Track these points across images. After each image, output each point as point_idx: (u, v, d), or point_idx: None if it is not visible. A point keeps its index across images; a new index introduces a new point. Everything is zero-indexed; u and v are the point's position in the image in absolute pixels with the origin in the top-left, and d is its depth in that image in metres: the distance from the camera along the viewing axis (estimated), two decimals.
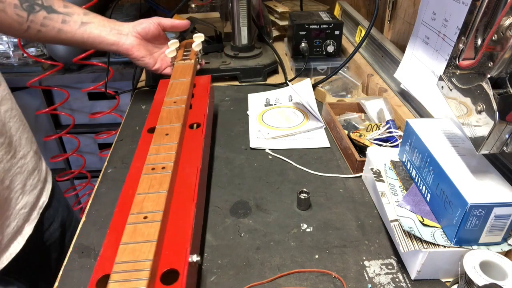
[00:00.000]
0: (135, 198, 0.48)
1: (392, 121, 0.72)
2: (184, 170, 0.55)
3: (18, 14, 0.67)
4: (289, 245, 0.54)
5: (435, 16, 0.69)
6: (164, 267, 0.42)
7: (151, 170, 0.53)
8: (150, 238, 0.43)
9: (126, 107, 0.91)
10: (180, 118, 0.63)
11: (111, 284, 0.39)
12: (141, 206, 0.47)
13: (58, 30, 0.72)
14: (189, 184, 0.53)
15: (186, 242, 0.45)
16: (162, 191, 0.49)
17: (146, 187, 0.50)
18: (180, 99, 0.67)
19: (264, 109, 0.86)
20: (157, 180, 0.51)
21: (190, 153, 0.58)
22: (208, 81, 0.78)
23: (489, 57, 0.40)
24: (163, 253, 0.43)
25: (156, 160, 0.54)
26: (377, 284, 0.48)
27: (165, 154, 0.55)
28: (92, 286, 0.40)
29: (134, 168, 0.56)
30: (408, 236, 0.48)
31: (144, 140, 0.61)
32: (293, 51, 1.02)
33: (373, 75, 0.93)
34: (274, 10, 1.27)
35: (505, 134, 0.42)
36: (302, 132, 0.78)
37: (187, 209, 0.49)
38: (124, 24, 0.79)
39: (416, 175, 0.56)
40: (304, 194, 0.59)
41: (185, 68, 0.78)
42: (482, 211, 0.44)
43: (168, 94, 0.69)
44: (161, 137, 0.59)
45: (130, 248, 0.42)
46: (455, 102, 0.48)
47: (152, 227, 0.44)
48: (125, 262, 0.40)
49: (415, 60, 0.77)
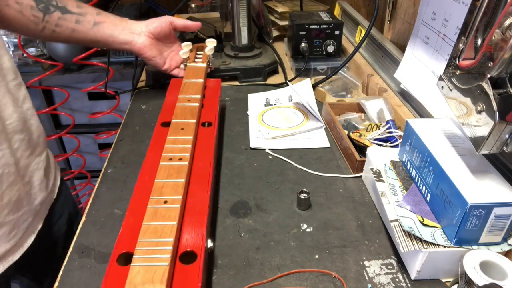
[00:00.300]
0: (155, 184, 0.52)
1: (392, 121, 0.72)
2: (198, 164, 0.60)
3: (34, 15, 0.69)
4: (289, 245, 0.54)
5: (435, 16, 0.69)
6: (183, 248, 0.46)
7: (168, 160, 0.57)
8: (171, 221, 0.47)
9: (126, 107, 0.91)
10: (194, 115, 0.67)
11: (135, 259, 0.42)
12: (161, 192, 0.51)
13: (72, 30, 0.74)
14: (203, 176, 0.57)
15: (203, 228, 0.48)
16: (180, 179, 0.53)
17: (165, 174, 0.54)
18: (194, 98, 0.72)
19: (264, 109, 0.86)
20: (175, 170, 0.55)
21: (203, 149, 0.63)
22: (219, 84, 0.83)
23: (489, 57, 0.40)
24: (182, 236, 0.47)
25: (173, 151, 0.59)
26: (377, 284, 0.48)
27: (181, 147, 0.60)
28: (113, 261, 0.44)
29: (150, 157, 0.60)
30: (408, 236, 0.48)
31: (158, 132, 0.66)
32: (293, 51, 1.02)
33: (373, 75, 0.93)
34: (274, 10, 1.27)
35: (505, 134, 0.42)
36: (302, 132, 0.78)
37: (202, 198, 0.53)
38: (137, 23, 0.81)
39: (416, 175, 0.56)
40: (304, 194, 0.60)
41: (198, 69, 0.82)
42: (482, 211, 0.44)
43: (182, 92, 0.74)
44: (177, 131, 0.63)
45: (152, 228, 0.46)
46: (455, 102, 0.48)
47: (172, 211, 0.48)
48: (148, 240, 0.44)
49: (415, 60, 0.77)
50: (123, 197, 0.62)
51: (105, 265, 0.51)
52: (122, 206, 0.61)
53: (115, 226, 0.57)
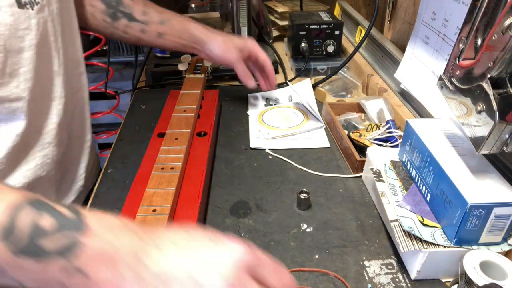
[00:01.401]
0: (145, 193, 0.53)
1: (392, 121, 0.72)
2: (191, 173, 0.60)
3: (104, 19, 0.72)
4: (289, 245, 0.54)
5: (435, 16, 0.69)
6: None
7: (160, 169, 0.57)
8: None
9: (126, 107, 0.91)
10: (189, 125, 0.68)
11: None
12: (151, 200, 0.51)
13: (138, 39, 0.76)
14: (194, 185, 0.57)
15: None
16: (171, 188, 0.54)
17: (156, 184, 0.55)
18: (190, 108, 0.73)
19: (264, 109, 0.86)
20: (166, 179, 0.55)
21: (196, 158, 0.64)
22: (216, 95, 0.84)
23: (489, 57, 0.40)
24: None
25: (166, 161, 0.59)
26: (377, 284, 0.48)
27: (174, 156, 0.60)
28: None
29: (144, 166, 0.61)
30: (408, 236, 0.48)
31: (154, 143, 0.66)
32: (293, 51, 1.02)
33: (373, 75, 0.93)
34: (274, 10, 1.27)
35: (505, 134, 0.42)
36: (302, 132, 0.78)
37: (192, 206, 0.54)
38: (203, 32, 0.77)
39: (416, 175, 0.56)
40: (304, 194, 0.59)
41: (196, 80, 0.84)
42: (482, 211, 0.44)
43: (179, 103, 0.75)
44: (171, 141, 0.64)
45: None
46: (455, 102, 0.48)
47: (161, 219, 0.49)
48: None
49: (415, 60, 0.77)
50: (123, 197, 0.62)
51: None
52: (122, 206, 0.61)
53: None
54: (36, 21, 0.52)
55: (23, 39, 0.51)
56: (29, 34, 0.51)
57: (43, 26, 0.54)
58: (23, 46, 0.51)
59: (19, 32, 0.50)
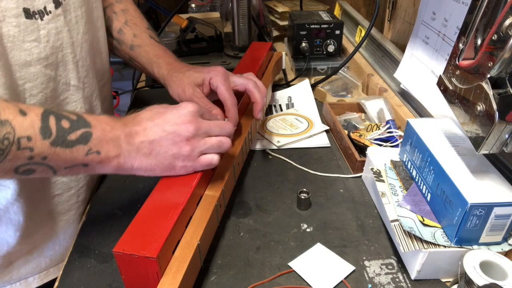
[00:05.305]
0: None
1: (392, 121, 0.72)
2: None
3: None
4: (289, 245, 0.54)
5: (435, 16, 0.69)
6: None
7: None
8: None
9: (126, 107, 0.91)
10: None
11: None
12: None
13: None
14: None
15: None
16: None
17: None
18: None
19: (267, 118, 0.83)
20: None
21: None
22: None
23: (489, 57, 0.40)
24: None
25: None
26: (377, 284, 0.48)
27: None
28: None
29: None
30: (408, 236, 0.48)
31: None
32: (293, 51, 1.01)
33: (373, 75, 0.93)
34: (274, 10, 1.27)
35: (505, 134, 0.42)
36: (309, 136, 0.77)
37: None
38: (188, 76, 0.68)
39: (416, 175, 0.56)
40: (304, 194, 0.60)
41: None
42: (482, 211, 0.44)
43: None
44: None
45: None
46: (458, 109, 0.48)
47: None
48: None
49: (415, 60, 0.77)
50: (123, 197, 0.62)
51: (105, 265, 0.51)
52: (122, 206, 0.61)
53: (115, 226, 0.57)
54: (46, 32, 0.49)
55: (30, 52, 0.48)
56: (37, 46, 0.49)
57: (55, 37, 0.51)
58: (30, 60, 0.49)
59: (25, 44, 0.47)
